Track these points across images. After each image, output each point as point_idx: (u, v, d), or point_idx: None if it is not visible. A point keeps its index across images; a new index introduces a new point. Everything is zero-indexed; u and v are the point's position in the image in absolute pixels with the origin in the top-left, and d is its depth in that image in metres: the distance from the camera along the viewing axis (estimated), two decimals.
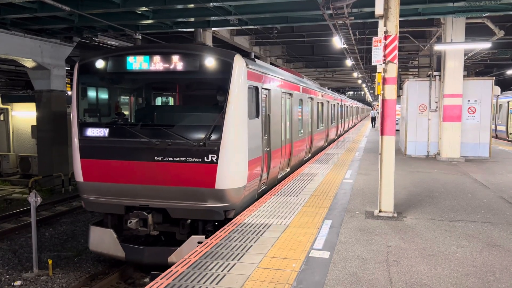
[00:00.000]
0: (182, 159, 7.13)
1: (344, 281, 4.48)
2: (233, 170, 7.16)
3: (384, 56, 6.85)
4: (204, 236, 7.08)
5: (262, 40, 21.04)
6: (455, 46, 13.57)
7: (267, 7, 13.26)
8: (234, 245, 5.54)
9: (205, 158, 7.05)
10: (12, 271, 8.87)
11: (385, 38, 6.84)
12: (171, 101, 9.54)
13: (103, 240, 7.81)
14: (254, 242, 5.66)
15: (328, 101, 20.00)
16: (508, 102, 24.28)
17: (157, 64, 7.36)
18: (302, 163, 13.56)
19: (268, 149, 9.02)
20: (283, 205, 7.73)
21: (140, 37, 8.28)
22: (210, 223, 7.48)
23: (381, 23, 6.93)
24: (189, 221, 7.51)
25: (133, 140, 7.36)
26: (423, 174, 11.41)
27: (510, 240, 5.87)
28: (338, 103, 24.93)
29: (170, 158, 7.19)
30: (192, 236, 7.22)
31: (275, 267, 4.81)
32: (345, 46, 16.88)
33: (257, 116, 8.21)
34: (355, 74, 32.34)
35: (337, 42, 15.88)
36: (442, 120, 14.33)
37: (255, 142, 7.99)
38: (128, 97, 8.95)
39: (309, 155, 15.02)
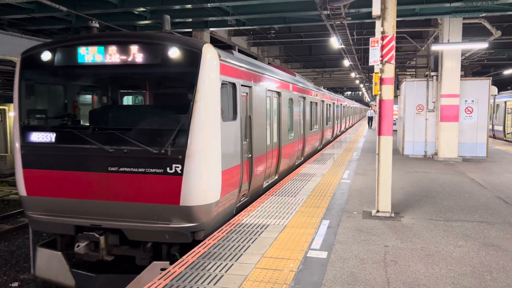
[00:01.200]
0: (140, 170, 5.99)
1: (342, 281, 4.49)
2: (202, 183, 5.96)
3: (382, 56, 6.87)
4: (168, 262, 5.94)
5: (260, 40, 21.07)
6: (452, 46, 13.61)
7: (265, 8, 13.29)
8: (232, 246, 5.54)
9: (168, 168, 5.91)
10: (9, 272, 8.84)
11: (382, 38, 6.86)
12: (129, 100, 7.97)
13: (51, 264, 6.61)
14: (252, 243, 5.66)
15: (322, 101, 18.91)
16: (505, 102, 24.36)
17: (112, 56, 6.17)
18: (293, 168, 12.60)
19: (250, 155, 7.90)
20: (281, 205, 7.73)
21: (97, 26, 6.91)
22: (176, 246, 6.25)
23: (378, 23, 6.95)
24: (150, 243, 6.26)
25: (83, 147, 6.19)
26: (421, 174, 11.44)
27: (507, 239, 5.90)
28: (334, 103, 23.78)
29: (126, 169, 6.04)
30: (154, 262, 6.06)
31: (273, 267, 4.81)
32: (343, 46, 16.91)
33: (234, 117, 7.06)
34: (352, 75, 32.39)
35: (335, 43, 15.92)
36: (439, 120, 14.36)
37: (232, 148, 6.88)
38: (80, 95, 7.55)
39: (302, 159, 13.97)
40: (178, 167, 5.89)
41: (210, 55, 6.11)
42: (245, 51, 21.18)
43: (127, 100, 7.82)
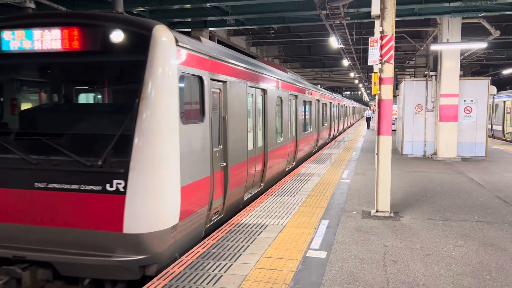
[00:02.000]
0: (73, 186, 4.72)
1: (341, 281, 4.49)
2: (152, 204, 4.71)
3: (381, 56, 6.86)
4: None
5: (259, 40, 21.09)
6: (451, 46, 13.62)
7: (264, 7, 13.28)
8: (231, 246, 5.54)
9: (107, 185, 4.64)
10: None
11: (382, 38, 6.86)
12: (61, 98, 5.97)
13: None
14: (251, 242, 5.66)
15: (318, 100, 17.75)
16: (504, 102, 24.39)
17: (44, 42, 4.93)
18: (283, 174, 11.49)
19: (224, 164, 6.73)
20: (280, 205, 7.73)
21: (33, 6, 5.47)
22: (122, 283, 5.05)
23: (377, 23, 6.94)
24: (88, 280, 4.97)
25: (3, 157, 4.97)
26: (420, 173, 11.44)
27: (506, 239, 5.90)
28: (331, 103, 22.55)
29: (56, 185, 4.77)
30: None
31: (272, 267, 4.81)
32: (342, 46, 16.92)
33: (201, 119, 5.80)
34: (351, 74, 32.41)
35: (334, 42, 15.92)
36: (438, 120, 14.37)
37: (196, 156, 5.60)
38: (4, 92, 5.76)
39: (293, 163, 12.80)
40: (120, 183, 4.61)
41: (164, 39, 4.85)
42: (244, 51, 21.18)
43: (60, 98, 5.93)
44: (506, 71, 27.06)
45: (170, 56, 4.96)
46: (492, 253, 5.35)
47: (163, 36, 4.87)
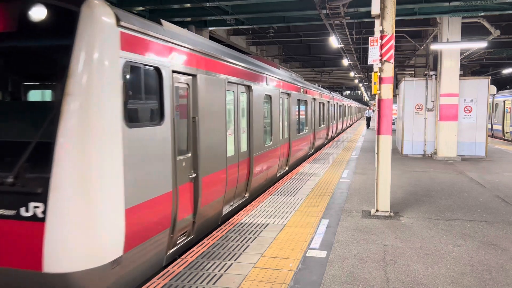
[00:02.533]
0: None
1: (341, 281, 4.48)
2: (82, 233, 3.63)
3: (381, 55, 6.86)
4: None
5: (259, 40, 21.07)
6: (451, 46, 13.61)
7: (264, 7, 13.28)
8: (231, 245, 5.53)
9: (22, 209, 3.61)
10: None
11: (382, 37, 6.85)
12: None
13: None
14: (251, 242, 5.66)
15: (314, 99, 16.73)
16: (504, 101, 24.39)
17: None
18: (274, 180, 10.53)
19: (194, 175, 5.68)
20: (280, 204, 7.72)
21: None
22: None
23: (377, 22, 6.94)
24: None
25: None
26: (420, 173, 11.44)
27: (506, 238, 5.90)
28: (328, 102, 21.54)
29: None
30: None
31: (272, 267, 4.81)
32: (342, 45, 16.91)
33: (159, 120, 4.73)
34: (351, 74, 32.39)
35: (334, 42, 15.91)
36: (438, 120, 14.37)
37: (151, 168, 4.53)
38: None
39: (286, 168, 11.95)
40: (37, 207, 3.55)
41: (98, 17, 3.75)
42: (244, 50, 21.16)
43: None
44: (506, 71, 27.06)
45: (108, 40, 3.82)
46: (492, 252, 5.35)
47: (97, 13, 3.72)
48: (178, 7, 12.81)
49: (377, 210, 7.13)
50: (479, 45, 14.63)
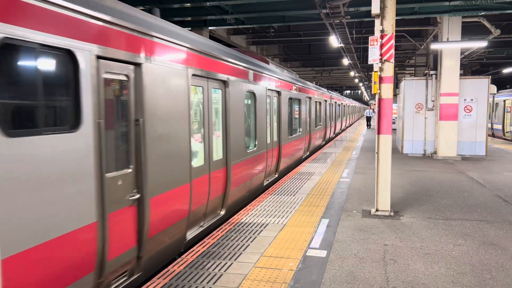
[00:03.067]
0: None
1: (341, 280, 4.49)
2: None
3: (381, 55, 6.86)
4: None
5: (259, 39, 21.07)
6: (451, 45, 13.61)
7: (264, 6, 13.28)
8: (231, 245, 5.54)
9: None
10: None
11: (382, 37, 6.85)
12: None
13: None
14: (251, 241, 5.66)
15: (310, 98, 15.69)
16: (505, 101, 24.38)
17: None
18: (259, 190, 9.31)
19: (138, 195, 4.46)
20: (280, 204, 7.72)
21: None
22: None
23: (377, 22, 6.94)
24: None
25: None
26: (420, 172, 11.44)
27: (506, 238, 5.90)
28: (326, 101, 20.48)
29: None
30: None
31: (272, 266, 4.81)
32: (342, 45, 16.91)
33: (75, 124, 3.55)
34: (352, 73, 32.39)
35: (334, 41, 15.90)
36: (438, 119, 14.37)
37: (55, 194, 3.30)
38: None
39: (275, 175, 10.75)
40: None
41: None
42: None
43: None
44: (506, 70, 27.04)
45: None
46: (492, 252, 5.35)
47: None
48: (178, 7, 12.81)
49: (377, 210, 7.13)
50: (479, 44, 14.62)
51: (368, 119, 35.93)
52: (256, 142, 8.83)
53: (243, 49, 20.86)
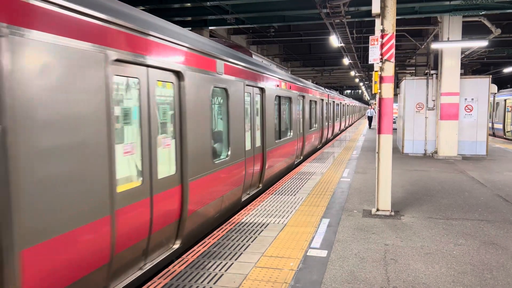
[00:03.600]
0: None
1: (342, 280, 4.48)
2: None
3: (381, 54, 6.85)
4: None
5: (259, 39, 21.06)
6: (452, 45, 13.60)
7: (264, 6, 13.28)
8: (232, 244, 5.54)
9: None
10: None
11: (382, 36, 6.85)
12: None
13: None
14: (251, 241, 5.66)
15: (303, 97, 14.24)
16: (505, 100, 24.36)
17: None
18: (235, 207, 7.67)
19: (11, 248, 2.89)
20: (280, 204, 7.72)
21: None
22: None
23: (378, 21, 6.93)
24: None
25: None
26: (420, 172, 11.43)
27: (507, 238, 5.89)
28: (322, 100, 19.02)
29: None
30: None
31: (273, 266, 4.81)
32: (342, 44, 16.91)
33: None
34: (352, 73, 32.38)
35: (334, 41, 15.90)
36: (439, 119, 14.36)
37: None
38: None
39: (259, 186, 9.27)
40: None
41: None
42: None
43: None
44: (507, 70, 27.02)
45: None
46: (493, 251, 5.34)
47: None
48: (179, 7, 12.82)
49: (377, 209, 7.13)
50: (480, 44, 14.61)
51: (370, 119, 34.50)
52: (230, 151, 7.19)
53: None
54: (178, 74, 5.39)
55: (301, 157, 14.27)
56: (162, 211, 5.01)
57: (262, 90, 9.31)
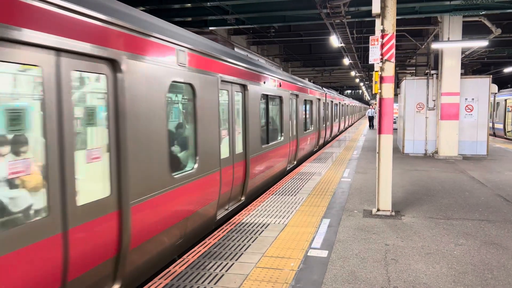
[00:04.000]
0: None
1: (342, 280, 4.48)
2: None
3: (381, 54, 6.85)
4: None
5: (259, 39, 21.07)
6: (452, 45, 13.60)
7: (264, 6, 13.29)
8: (232, 245, 5.54)
9: None
10: None
11: (382, 36, 6.85)
12: None
13: None
14: (252, 242, 5.66)
15: (297, 96, 13.13)
16: (506, 100, 24.35)
17: None
18: (208, 228, 6.44)
19: None
20: (281, 204, 7.72)
21: None
22: None
23: (378, 21, 6.93)
24: None
25: None
26: (421, 172, 11.42)
27: (508, 237, 5.89)
28: (319, 100, 17.90)
29: None
30: None
31: (274, 267, 4.81)
32: (343, 45, 16.91)
33: None
34: (352, 73, 32.38)
35: (335, 41, 15.90)
36: (439, 118, 14.35)
37: None
38: None
39: (242, 198, 8.08)
40: None
41: None
42: (245, 49, 21.16)
43: None
44: (507, 69, 27.01)
45: None
46: (493, 251, 5.34)
47: None
48: (179, 7, 12.82)
49: (378, 210, 7.13)
50: (480, 44, 14.60)
51: (370, 119, 34.09)
52: (197, 161, 5.87)
53: (244, 49, 20.82)
54: (113, 64, 4.12)
55: (295, 161, 13.07)
56: (83, 249, 3.73)
57: (243, 87, 8.05)
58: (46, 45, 3.28)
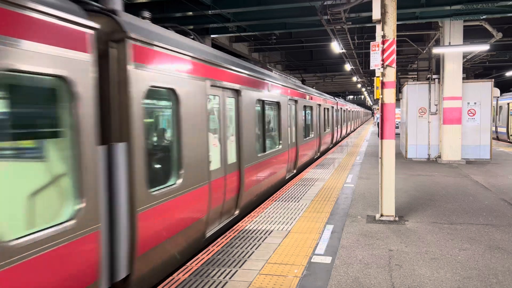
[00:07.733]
0: None
1: (346, 286, 4.47)
2: None
3: (383, 60, 6.88)
4: None
5: (261, 46, 21.17)
6: (453, 49, 13.62)
7: (265, 14, 13.37)
8: (236, 252, 5.53)
9: None
10: None
11: (383, 42, 6.87)
12: None
13: None
14: (255, 248, 5.65)
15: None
16: (508, 104, 24.30)
17: None
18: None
19: None
20: (284, 210, 7.72)
21: None
22: None
23: (378, 27, 6.97)
24: None
25: None
26: (424, 177, 11.40)
27: None
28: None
29: None
30: None
31: (277, 273, 4.80)
32: (344, 51, 16.95)
33: None
34: (354, 79, 32.43)
35: (336, 47, 15.95)
36: (442, 123, 14.34)
37: None
38: None
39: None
40: None
41: None
42: (246, 57, 21.26)
43: None
44: (509, 73, 26.96)
45: None
46: (498, 256, 5.31)
47: None
48: (181, 15, 12.91)
49: (381, 215, 7.11)
50: (482, 48, 14.61)
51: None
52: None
53: (246, 56, 20.96)
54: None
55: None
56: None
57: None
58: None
